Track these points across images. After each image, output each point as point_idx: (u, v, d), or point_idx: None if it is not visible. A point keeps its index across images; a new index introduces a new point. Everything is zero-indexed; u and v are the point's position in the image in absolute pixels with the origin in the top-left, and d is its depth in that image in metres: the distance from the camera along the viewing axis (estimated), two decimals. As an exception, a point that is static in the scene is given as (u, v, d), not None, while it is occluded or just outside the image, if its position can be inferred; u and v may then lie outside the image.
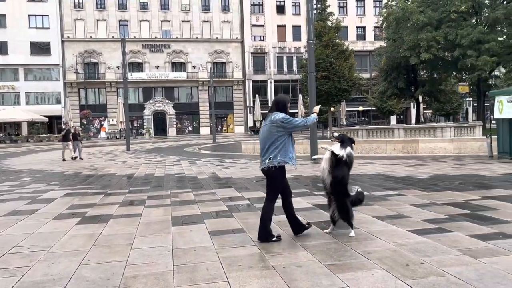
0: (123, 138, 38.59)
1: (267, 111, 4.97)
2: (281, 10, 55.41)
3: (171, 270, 3.90)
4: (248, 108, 54.35)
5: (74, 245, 4.89)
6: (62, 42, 49.95)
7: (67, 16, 50.29)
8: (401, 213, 5.98)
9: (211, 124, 42.32)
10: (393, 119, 55.34)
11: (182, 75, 52.85)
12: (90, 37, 50.87)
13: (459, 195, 7.16)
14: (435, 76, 34.33)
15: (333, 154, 4.83)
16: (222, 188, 9.11)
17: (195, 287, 3.49)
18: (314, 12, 22.92)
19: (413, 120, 49.30)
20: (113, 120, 49.28)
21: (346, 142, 4.93)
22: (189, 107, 53.52)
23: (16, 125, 48.74)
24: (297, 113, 38.69)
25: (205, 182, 10.20)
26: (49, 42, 49.45)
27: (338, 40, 32.16)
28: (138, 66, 52.26)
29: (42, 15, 49.30)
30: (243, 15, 54.36)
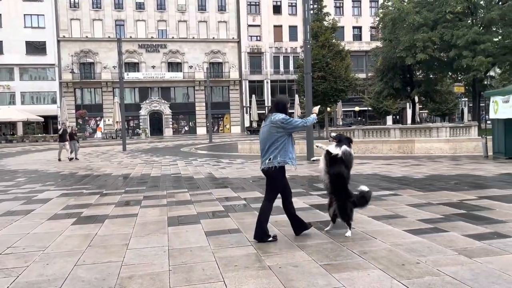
0: (119, 138, 38.44)
1: (267, 112, 4.97)
2: (277, 10, 55.45)
3: (167, 270, 3.90)
4: (244, 108, 54.34)
5: (70, 245, 4.88)
6: (58, 41, 49.76)
7: (63, 15, 50.11)
8: (397, 213, 6.00)
9: (208, 124, 42.29)
10: (389, 119, 55.52)
11: (178, 75, 52.78)
12: (86, 36, 50.72)
13: (455, 195, 7.19)
14: (431, 76, 34.47)
15: (327, 153, 4.86)
16: (218, 188, 9.11)
17: (191, 287, 3.49)
18: (311, 12, 23.03)
19: (409, 120, 49.53)
20: (109, 120, 49.15)
21: (343, 141, 4.94)
22: (185, 107, 53.47)
23: (11, 125, 48.52)
24: (293, 113, 38.67)
25: (201, 182, 10.19)
26: (44, 41, 49.26)
27: (334, 40, 32.19)
28: (134, 66, 52.15)
29: (38, 15, 49.09)
30: (240, 15, 54.35)
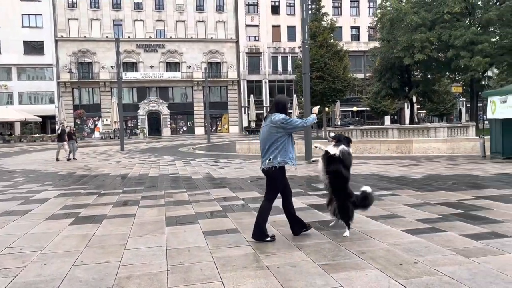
0: (117, 138, 38.44)
1: (267, 112, 4.97)
2: (275, 10, 55.46)
3: (165, 270, 3.89)
4: (242, 108, 54.33)
5: (67, 245, 4.87)
6: (56, 41, 49.67)
7: (61, 15, 50.02)
8: (395, 213, 6.00)
9: (206, 124, 42.24)
10: (387, 120, 55.59)
11: (176, 75, 52.75)
12: (84, 36, 50.63)
13: (452, 195, 7.20)
14: (429, 76, 34.51)
15: (326, 153, 4.87)
16: (216, 188, 9.10)
17: (189, 288, 3.49)
18: (309, 12, 23.00)
19: (407, 120, 49.54)
20: (107, 120, 49.09)
21: (342, 141, 4.94)
22: (183, 107, 53.43)
23: (9, 125, 48.40)
24: (291, 113, 38.72)
25: (199, 182, 10.19)
26: (42, 41, 49.16)
27: (332, 40, 32.24)
28: (132, 66, 52.09)
29: (36, 15, 49.00)
30: (238, 15, 54.34)
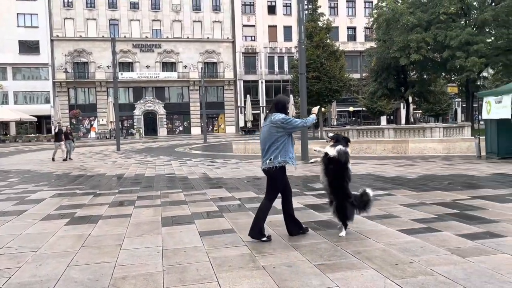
0: (113, 138, 38.32)
1: (267, 112, 4.97)
2: (272, 10, 55.49)
3: (161, 270, 3.88)
4: (239, 108, 54.30)
5: (63, 246, 4.85)
6: (51, 41, 49.46)
7: (56, 15, 49.81)
8: (390, 213, 6.02)
9: (202, 124, 42.22)
10: (383, 120, 55.75)
11: (173, 75, 52.65)
12: (80, 36, 50.46)
13: (448, 195, 7.23)
14: (425, 77, 34.64)
15: (325, 155, 4.88)
16: (212, 188, 9.09)
17: (185, 288, 3.48)
18: (305, 12, 23.06)
19: (403, 120, 49.74)
20: (103, 120, 48.93)
21: (340, 141, 4.95)
22: (180, 107, 53.35)
23: (4, 125, 48.12)
24: (288, 113, 38.69)
25: (195, 182, 10.17)
26: (38, 41, 48.96)
27: (329, 40, 32.28)
28: (128, 66, 51.95)
29: (31, 14, 48.79)
30: (234, 15, 54.32)
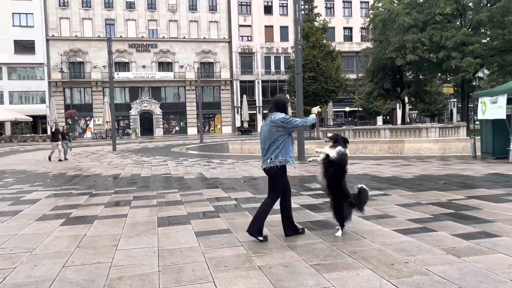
0: (109, 138, 38.22)
1: (267, 111, 4.96)
2: (268, 10, 55.51)
3: (157, 271, 3.87)
4: (235, 108, 54.30)
5: (58, 246, 4.82)
6: (47, 40, 49.28)
7: (52, 14, 49.63)
8: (386, 213, 6.03)
9: (199, 124, 42.15)
10: (379, 120, 55.90)
11: (169, 75, 52.57)
12: (76, 36, 50.29)
13: (444, 195, 7.25)
14: (421, 77, 34.76)
15: (327, 157, 4.89)
16: (209, 188, 9.08)
17: (181, 288, 3.47)
18: (302, 12, 23.02)
19: (399, 120, 49.83)
20: (99, 120, 48.81)
21: (339, 141, 4.96)
22: (176, 107, 53.27)
23: (-1, 124, 47.96)
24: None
25: (192, 182, 10.16)
26: (33, 40, 48.76)
27: (325, 41, 32.30)
28: (124, 66, 51.82)
29: (27, 14, 48.58)
30: (231, 15, 54.31)
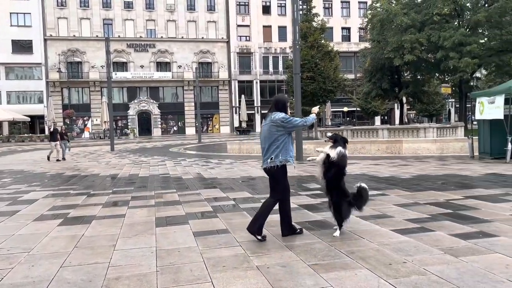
0: (107, 138, 38.14)
1: (267, 111, 4.96)
2: (266, 10, 55.50)
3: (155, 271, 3.87)
4: (234, 108, 54.28)
5: (56, 246, 4.82)
6: (45, 40, 49.16)
7: (50, 14, 49.53)
8: (384, 212, 6.04)
9: (197, 124, 42.12)
10: (377, 120, 55.94)
11: (167, 75, 52.52)
12: (74, 36, 50.20)
13: (441, 195, 7.26)
14: (419, 77, 34.79)
15: (327, 157, 4.89)
16: (207, 188, 9.07)
17: (179, 288, 3.47)
18: (300, 13, 23.04)
19: (397, 120, 49.93)
20: (97, 120, 48.71)
21: (339, 141, 4.97)
22: (174, 107, 53.21)
23: (-3, 124, 47.84)
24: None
25: (190, 182, 10.15)
26: (31, 40, 48.65)
27: (323, 41, 32.27)
28: (122, 66, 51.75)
29: (24, 13, 48.46)
30: (229, 15, 54.28)
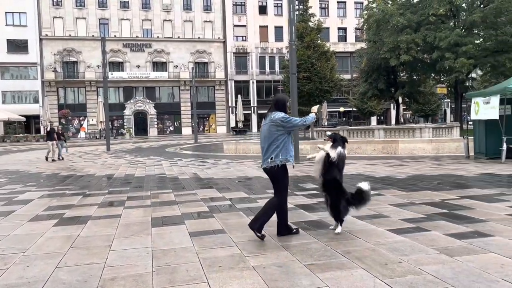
0: (103, 138, 38.05)
1: (267, 111, 4.95)
2: (263, 10, 55.52)
3: (150, 271, 3.86)
4: (230, 108, 54.26)
5: (51, 247, 4.79)
6: (40, 40, 48.97)
7: (46, 13, 49.34)
8: (380, 212, 6.05)
9: (193, 124, 42.06)
10: (373, 120, 56.10)
11: (163, 75, 52.44)
12: (69, 35, 50.02)
13: (437, 195, 7.29)
14: (414, 77, 34.91)
15: (327, 156, 4.89)
16: (203, 188, 9.06)
17: (175, 289, 3.47)
18: (296, 13, 23.14)
19: (393, 121, 50.00)
20: (92, 120, 48.57)
21: (338, 141, 4.98)
22: (170, 107, 53.13)
23: (-8, 124, 47.61)
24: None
25: (186, 182, 10.13)
26: (26, 40, 48.44)
27: (319, 41, 32.42)
28: (118, 65, 51.61)
29: (20, 13, 48.26)
30: (225, 15, 54.26)
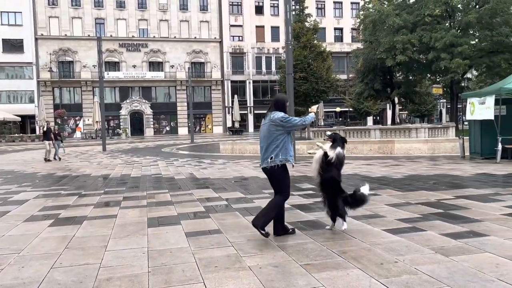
0: (99, 138, 37.91)
1: (267, 111, 4.95)
2: (259, 10, 55.55)
3: (146, 272, 3.85)
4: (226, 108, 54.23)
5: (46, 247, 4.77)
6: (36, 39, 48.77)
7: (41, 13, 49.14)
8: (376, 212, 6.06)
9: (189, 124, 42.03)
10: (369, 120, 56.24)
11: (159, 75, 52.34)
12: (65, 35, 49.84)
13: (433, 195, 7.31)
14: (410, 78, 35.03)
15: (325, 156, 4.89)
16: (199, 188, 9.05)
17: (171, 289, 3.46)
18: (292, 13, 23.16)
19: (389, 121, 50.20)
20: (88, 120, 48.43)
21: (338, 141, 4.98)
22: (166, 107, 53.05)
23: (-13, 124, 47.37)
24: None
25: (182, 182, 10.12)
26: (22, 39, 48.25)
27: (316, 41, 32.41)
28: (114, 65, 51.47)
29: (15, 12, 48.07)
30: (222, 15, 54.24)
